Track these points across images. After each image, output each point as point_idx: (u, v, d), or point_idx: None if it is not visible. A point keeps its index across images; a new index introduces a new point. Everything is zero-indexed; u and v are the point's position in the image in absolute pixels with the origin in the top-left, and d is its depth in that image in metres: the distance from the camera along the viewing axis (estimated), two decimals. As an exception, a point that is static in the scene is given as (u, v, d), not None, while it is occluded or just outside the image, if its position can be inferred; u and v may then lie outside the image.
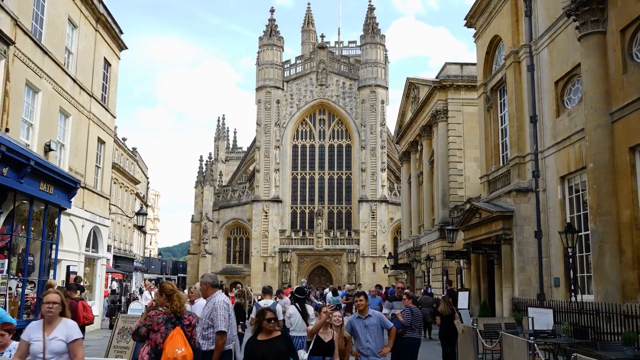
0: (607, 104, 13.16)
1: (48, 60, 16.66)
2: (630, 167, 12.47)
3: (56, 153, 17.34)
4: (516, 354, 9.80)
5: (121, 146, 46.34)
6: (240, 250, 59.69)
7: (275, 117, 57.63)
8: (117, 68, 23.61)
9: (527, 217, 17.31)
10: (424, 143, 32.60)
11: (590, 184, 13.51)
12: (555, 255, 16.09)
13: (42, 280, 15.38)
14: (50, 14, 16.91)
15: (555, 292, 15.81)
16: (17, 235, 14.20)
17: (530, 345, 9.20)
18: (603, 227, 12.80)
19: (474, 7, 22.01)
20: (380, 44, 59.15)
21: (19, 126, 15.05)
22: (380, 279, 49.08)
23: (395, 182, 57.31)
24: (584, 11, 13.65)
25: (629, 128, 12.49)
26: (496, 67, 20.93)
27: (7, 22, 14.05)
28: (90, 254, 20.84)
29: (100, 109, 21.39)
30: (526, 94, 17.88)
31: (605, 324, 11.88)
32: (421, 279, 31.75)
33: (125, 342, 10.66)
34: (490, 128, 21.16)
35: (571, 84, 15.96)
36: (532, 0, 17.91)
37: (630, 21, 12.64)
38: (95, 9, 20.32)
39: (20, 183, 13.10)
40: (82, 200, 19.17)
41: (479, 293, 21.46)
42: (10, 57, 14.24)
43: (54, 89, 17.14)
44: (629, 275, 12.28)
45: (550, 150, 16.55)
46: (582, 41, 13.88)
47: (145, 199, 59.29)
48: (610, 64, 13.25)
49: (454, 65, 29.60)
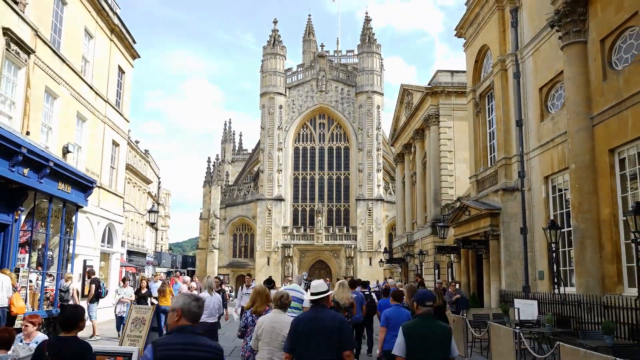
0: (588, 109, 13.16)
1: (66, 68, 16.66)
2: (610, 168, 12.47)
3: (73, 155, 17.34)
4: (503, 342, 9.80)
5: (134, 148, 46.34)
6: (246, 246, 59.70)
7: (278, 121, 57.61)
8: (131, 75, 23.61)
9: (513, 215, 17.32)
10: (417, 145, 32.60)
11: (572, 183, 13.51)
12: (539, 250, 16.09)
13: (60, 273, 15.39)
14: (68, 25, 16.91)
15: (540, 285, 15.81)
16: (37, 231, 14.20)
17: (516, 334, 9.20)
18: (584, 224, 12.80)
19: (463, 18, 22.03)
20: (376, 53, 59.15)
21: (38, 130, 15.05)
22: (376, 273, 49.18)
23: (390, 182, 57.31)
24: (566, 22, 13.66)
25: (609, 131, 12.49)
26: (484, 75, 20.93)
27: (28, 33, 14.05)
28: (106, 249, 20.83)
29: (114, 113, 21.38)
30: (512, 100, 17.88)
31: (587, 314, 11.88)
32: (414, 271, 31.75)
33: (138, 332, 10.66)
34: (479, 131, 21.17)
35: (554, 90, 15.96)
36: (518, 12, 17.93)
37: (610, 31, 12.65)
38: (110, 21, 20.31)
39: (40, 183, 13.10)
40: (97, 199, 19.16)
41: (469, 285, 21.45)
42: (31, 65, 14.23)
43: (71, 95, 17.13)
44: (608, 268, 12.29)
45: (535, 152, 16.54)
46: (565, 50, 13.88)
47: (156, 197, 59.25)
48: (591, 71, 13.25)
49: (444, 72, 29.61)
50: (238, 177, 70.47)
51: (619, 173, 12.39)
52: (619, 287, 11.93)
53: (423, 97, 30.14)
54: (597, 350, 7.61)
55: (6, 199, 12.23)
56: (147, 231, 53.00)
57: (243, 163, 73.80)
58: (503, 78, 18.54)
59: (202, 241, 61.99)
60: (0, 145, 11.02)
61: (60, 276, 15.23)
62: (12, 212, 12.68)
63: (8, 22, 12.92)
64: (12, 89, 13.66)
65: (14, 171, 11.79)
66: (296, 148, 59.35)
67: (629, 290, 11.59)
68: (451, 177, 28.45)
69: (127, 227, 39.94)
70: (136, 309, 11.30)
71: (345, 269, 54.08)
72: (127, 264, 34.05)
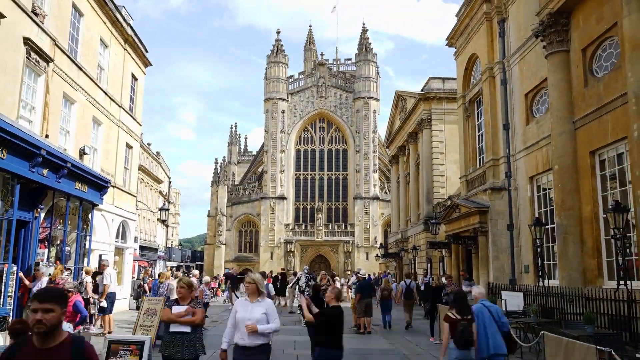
0: (570, 113, 13.16)
1: (82, 75, 16.66)
2: (591, 169, 12.48)
3: (90, 156, 17.33)
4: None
5: (146, 150, 46.29)
6: (251, 241, 59.67)
7: (281, 125, 57.61)
8: (143, 82, 23.59)
9: (500, 212, 17.32)
10: (411, 147, 32.61)
11: (555, 183, 13.52)
12: (525, 245, 16.10)
13: (77, 267, 15.39)
14: (84, 35, 16.90)
15: (525, 278, 15.82)
16: (55, 228, 14.21)
17: (504, 324, 9.18)
18: (567, 220, 12.80)
19: (454, 29, 22.03)
20: (372, 61, 59.14)
21: (57, 133, 15.05)
22: (373, 266, 49.17)
23: (386, 181, 57.28)
24: (550, 32, 13.66)
25: (590, 134, 12.50)
26: (474, 81, 20.93)
27: (47, 42, 14.05)
28: (120, 244, 20.82)
29: (128, 117, 21.37)
30: (500, 105, 17.88)
31: (569, 305, 11.88)
32: (408, 266, 31.75)
33: (150, 322, 10.63)
34: (469, 134, 21.17)
35: (539, 96, 15.96)
36: (505, 23, 17.92)
37: (591, 41, 12.65)
38: (124, 31, 20.31)
39: (58, 182, 13.11)
40: (112, 198, 19.15)
41: (459, 278, 21.44)
42: (50, 72, 14.24)
43: (87, 101, 17.13)
44: (589, 263, 12.30)
45: (520, 154, 16.54)
46: (549, 59, 13.88)
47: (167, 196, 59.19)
48: (573, 78, 13.25)
49: (436, 79, 29.61)
50: (243, 177, 70.46)
51: (600, 173, 12.40)
52: (600, 280, 11.94)
53: (416, 103, 30.16)
54: (579, 339, 7.61)
55: (27, 197, 12.24)
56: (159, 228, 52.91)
57: (248, 164, 73.81)
58: (491, 84, 18.54)
59: (210, 237, 61.92)
60: (21, 147, 11.03)
61: (78, 270, 15.23)
62: (32, 210, 12.69)
63: (28, 33, 12.93)
64: (32, 95, 13.67)
65: (34, 172, 11.79)
66: (298, 150, 59.32)
67: (609, 282, 11.60)
68: (442, 177, 28.46)
69: (140, 224, 39.92)
70: (148, 300, 11.28)
71: (343, 263, 54.08)
72: (139, 258, 34.01)
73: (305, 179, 59.04)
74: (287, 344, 11.84)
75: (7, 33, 11.95)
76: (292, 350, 11.43)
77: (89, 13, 17.17)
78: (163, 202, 45.43)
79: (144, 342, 6.17)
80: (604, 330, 9.95)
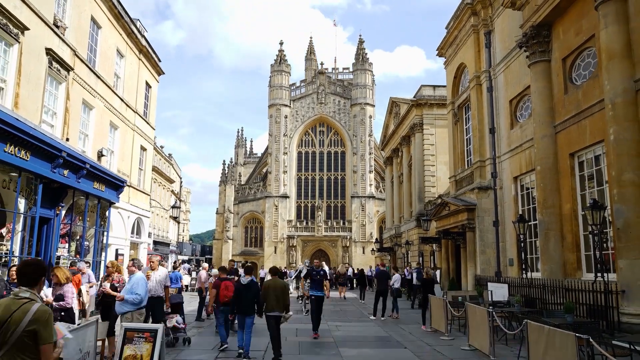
0: (551, 118, 13.16)
1: (100, 83, 16.66)
2: (570, 169, 12.48)
3: (107, 158, 17.34)
4: (478, 320, 9.79)
5: (159, 152, 46.27)
6: (256, 237, 59.62)
7: (284, 129, 57.58)
8: (156, 89, 23.59)
9: (487, 210, 17.32)
10: (404, 150, 32.59)
11: (537, 183, 13.52)
12: (509, 240, 16.10)
13: (95, 260, 15.39)
14: (102, 46, 16.91)
15: (510, 270, 15.82)
16: (75, 224, 14.22)
17: (490, 313, 9.20)
18: (548, 217, 12.81)
19: (444, 40, 22.03)
20: (368, 70, 59.09)
21: (76, 136, 15.05)
22: (369, 260, 49.15)
23: (381, 181, 57.26)
24: (532, 43, 13.67)
25: (569, 138, 12.50)
26: (462, 89, 20.93)
27: (68, 53, 14.06)
28: (135, 239, 20.83)
29: (142, 122, 21.37)
30: (486, 110, 17.88)
31: (550, 296, 11.89)
32: (402, 259, 31.75)
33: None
34: (457, 138, 21.17)
35: (522, 102, 15.96)
36: (491, 35, 17.93)
37: (570, 51, 12.66)
38: (139, 42, 20.30)
39: (78, 182, 13.12)
40: (128, 196, 19.16)
41: (448, 271, 21.46)
42: (70, 80, 14.24)
43: (105, 106, 17.13)
44: (569, 256, 12.30)
45: (505, 156, 16.55)
46: (531, 68, 13.89)
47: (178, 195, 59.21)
48: (554, 86, 13.25)
49: (427, 87, 29.60)
50: (249, 178, 70.39)
51: (579, 174, 12.41)
52: (578, 273, 11.94)
53: (409, 108, 30.15)
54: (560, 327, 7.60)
55: (49, 196, 12.25)
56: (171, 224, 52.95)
57: (253, 165, 73.71)
58: (478, 92, 18.54)
59: (218, 233, 61.90)
60: (44, 149, 11.05)
61: (96, 264, 15.24)
62: (53, 208, 12.70)
63: (50, 44, 12.94)
64: (54, 101, 13.67)
65: (56, 172, 11.81)
66: (299, 152, 59.27)
67: (587, 275, 11.60)
68: (433, 177, 28.44)
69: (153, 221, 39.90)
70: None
71: (341, 256, 54.03)
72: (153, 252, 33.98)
73: (306, 178, 59.00)
74: (290, 332, 11.84)
75: (31, 44, 11.96)
76: (294, 337, 11.44)
77: (106, 25, 17.17)
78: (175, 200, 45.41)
79: (157, 329, 6.18)
80: (583, 319, 9.96)
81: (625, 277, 9.67)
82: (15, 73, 11.42)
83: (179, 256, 49.44)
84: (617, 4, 10.43)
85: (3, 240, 10.75)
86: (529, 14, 13.79)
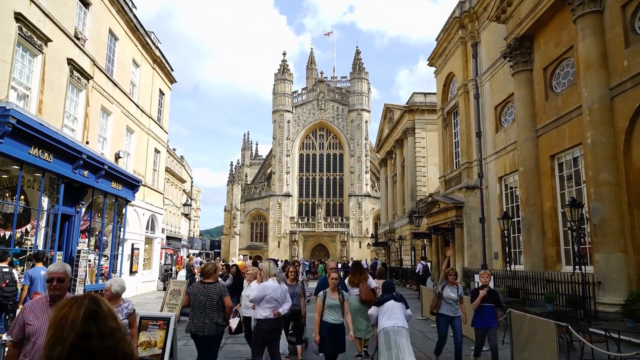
0: (533, 123, 13.17)
1: (117, 91, 16.65)
2: (551, 170, 12.49)
3: (123, 160, 17.33)
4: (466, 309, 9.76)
5: (172, 154, 46.24)
6: (261, 232, 59.60)
7: (287, 133, 57.56)
8: (169, 96, 23.58)
9: (473, 207, 17.32)
10: (397, 152, 32.58)
11: (520, 182, 13.52)
12: (494, 235, 16.10)
13: (113, 254, 15.38)
14: (119, 57, 16.90)
15: (495, 263, 15.82)
16: (94, 221, 14.21)
17: (476, 303, 9.16)
18: (530, 214, 12.81)
19: (434, 51, 22.02)
20: (364, 79, 59.07)
21: (95, 140, 15.05)
22: (365, 253, 49.14)
23: (376, 181, 57.24)
24: (516, 54, 13.67)
25: (550, 141, 12.50)
26: (451, 96, 20.93)
27: (87, 63, 14.05)
28: (149, 234, 20.82)
29: (156, 127, 21.36)
30: (473, 116, 17.88)
31: (532, 286, 11.89)
32: (395, 253, 31.74)
33: (175, 301, 10.62)
34: (447, 141, 21.17)
35: (507, 108, 15.97)
36: (478, 46, 17.93)
37: (551, 61, 12.66)
38: (153, 53, 20.29)
39: (97, 182, 13.11)
40: (143, 195, 19.15)
41: (438, 264, 21.44)
42: (90, 88, 14.24)
43: (122, 112, 17.12)
44: (549, 250, 12.30)
45: (491, 158, 16.55)
46: (515, 77, 13.89)
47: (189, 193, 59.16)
48: (536, 93, 13.26)
49: (419, 94, 29.61)
50: (255, 178, 70.38)
51: (558, 174, 12.41)
52: (558, 265, 11.95)
53: (402, 114, 30.16)
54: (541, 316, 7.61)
55: (70, 195, 12.24)
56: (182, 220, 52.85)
57: (258, 166, 73.67)
58: (466, 99, 18.54)
59: (226, 228, 61.88)
60: (65, 152, 11.04)
61: (114, 257, 15.23)
62: (74, 206, 12.70)
63: (71, 54, 12.93)
64: (74, 107, 13.67)
65: (76, 173, 11.80)
66: (301, 154, 59.25)
67: (566, 267, 11.60)
68: (424, 177, 28.44)
69: (166, 217, 39.86)
70: (173, 282, 11.27)
71: (340, 250, 54.03)
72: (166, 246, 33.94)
73: (307, 179, 58.99)
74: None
75: (53, 55, 11.96)
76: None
77: (123, 38, 17.16)
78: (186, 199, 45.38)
79: (170, 318, 6.18)
80: (562, 308, 9.95)
81: (601, 270, 9.68)
82: (39, 81, 11.42)
83: (190, 250, 49.41)
84: (594, 18, 10.43)
85: (28, 236, 10.75)
86: (513, 26, 13.80)
